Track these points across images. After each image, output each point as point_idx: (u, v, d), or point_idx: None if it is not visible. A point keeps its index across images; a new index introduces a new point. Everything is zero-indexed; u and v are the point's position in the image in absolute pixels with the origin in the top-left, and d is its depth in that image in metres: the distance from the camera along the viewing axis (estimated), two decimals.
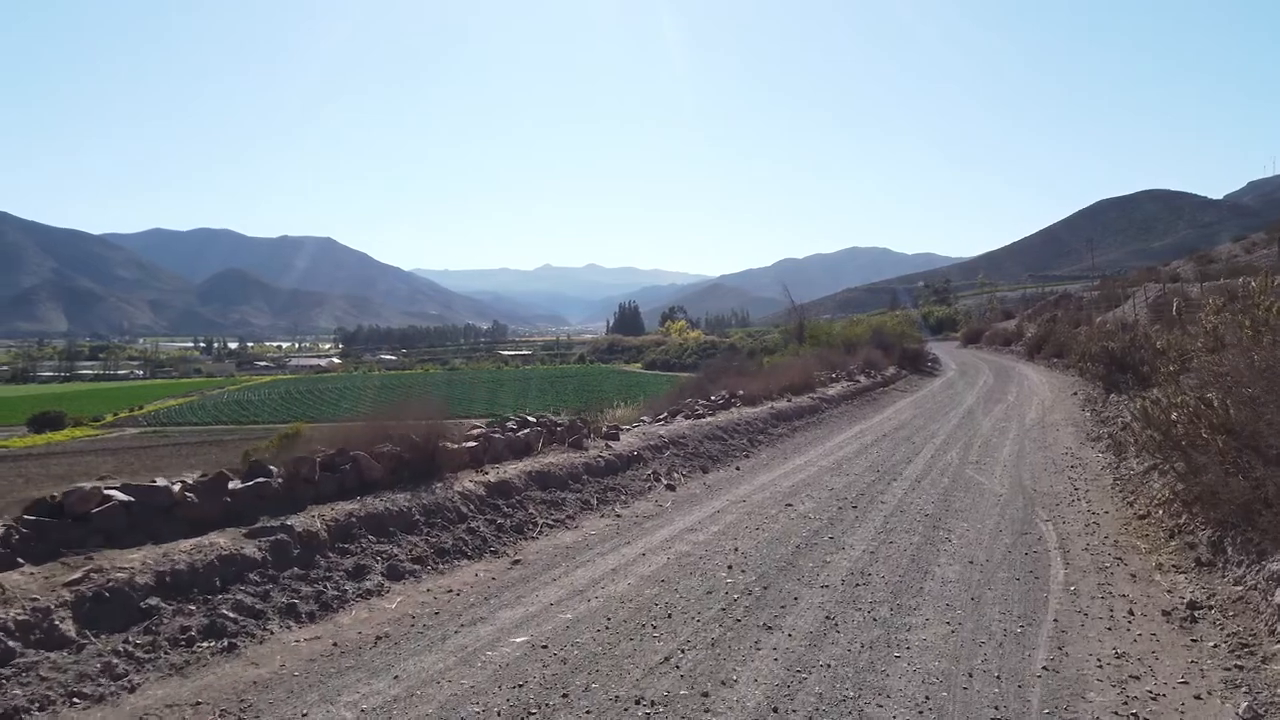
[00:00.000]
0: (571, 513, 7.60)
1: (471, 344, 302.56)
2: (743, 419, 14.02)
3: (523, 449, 8.61)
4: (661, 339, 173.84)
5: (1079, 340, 30.01)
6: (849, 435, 14.78)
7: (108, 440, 78.00)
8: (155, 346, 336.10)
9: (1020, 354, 38.68)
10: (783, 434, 14.32)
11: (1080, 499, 8.93)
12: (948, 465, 11.26)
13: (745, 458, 11.79)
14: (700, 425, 12.54)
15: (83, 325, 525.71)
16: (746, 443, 12.65)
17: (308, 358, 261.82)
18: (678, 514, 8.16)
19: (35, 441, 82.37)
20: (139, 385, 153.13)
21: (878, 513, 8.24)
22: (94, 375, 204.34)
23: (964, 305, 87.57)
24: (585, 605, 5.33)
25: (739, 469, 10.91)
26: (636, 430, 11.21)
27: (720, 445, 11.86)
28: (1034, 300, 62.38)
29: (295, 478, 5.97)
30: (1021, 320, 49.20)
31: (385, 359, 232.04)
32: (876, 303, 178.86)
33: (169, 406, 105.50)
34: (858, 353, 30.19)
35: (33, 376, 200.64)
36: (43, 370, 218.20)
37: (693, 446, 11.17)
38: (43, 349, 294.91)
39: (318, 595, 4.94)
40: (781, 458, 12.02)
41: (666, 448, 10.62)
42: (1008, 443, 13.53)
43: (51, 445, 78.13)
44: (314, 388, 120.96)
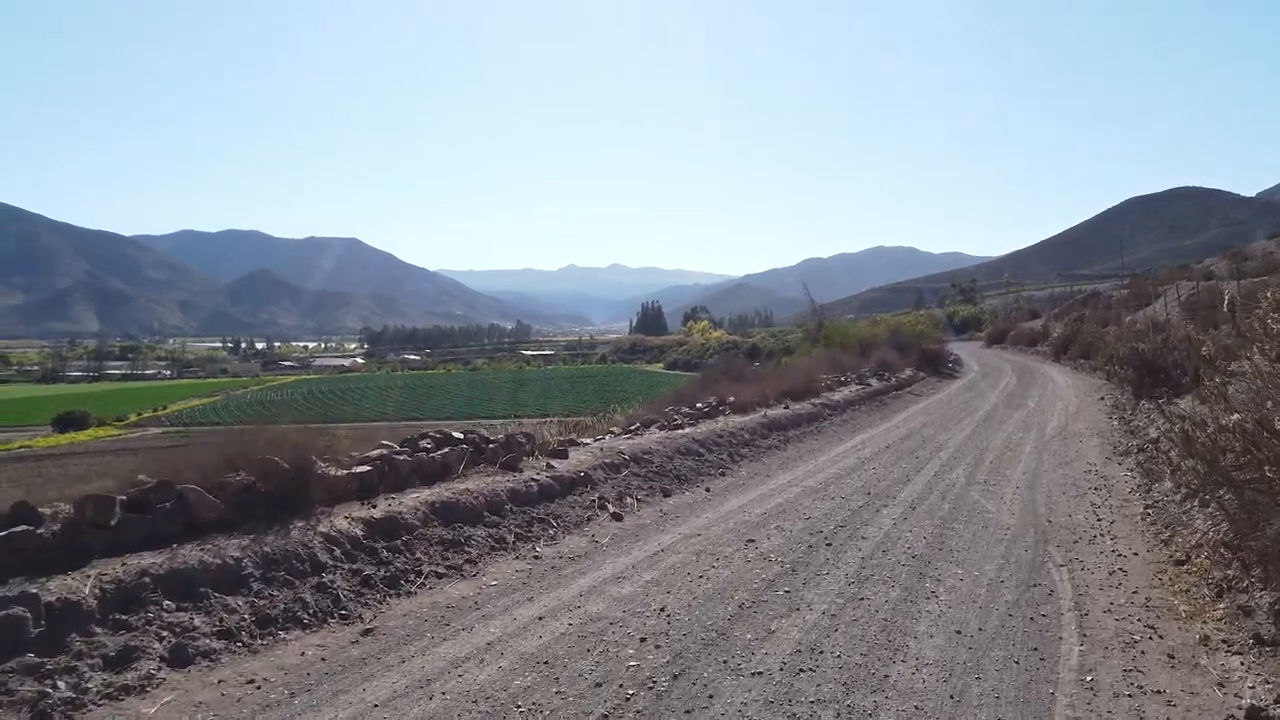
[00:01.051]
0: (475, 555, 6.21)
1: (495, 344, 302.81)
2: (728, 429, 12.60)
3: (436, 473, 7.25)
4: (683, 339, 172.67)
5: (1107, 341, 28.31)
6: (847, 447, 13.30)
7: (129, 440, 77.95)
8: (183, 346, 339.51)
9: (1046, 354, 36.94)
10: (772, 446, 12.86)
11: (1104, 533, 7.43)
12: (951, 486, 9.77)
13: (720, 476, 10.36)
14: (674, 438, 11.14)
15: (114, 325, 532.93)
16: (726, 458, 11.22)
17: (332, 358, 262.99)
18: (612, 554, 6.76)
19: (58, 441, 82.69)
20: (165, 385, 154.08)
21: (855, 553, 6.79)
22: (122, 375, 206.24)
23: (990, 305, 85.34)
24: (419, 709, 3.96)
25: (709, 491, 9.49)
26: (594, 446, 9.83)
27: (693, 462, 10.45)
28: (1061, 300, 60.31)
29: (78, 524, 4.65)
30: (1048, 320, 47.32)
31: (409, 359, 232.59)
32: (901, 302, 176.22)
33: (192, 406, 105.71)
34: (872, 354, 28.66)
35: (62, 376, 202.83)
36: (72, 370, 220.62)
37: (659, 464, 9.77)
38: (74, 349, 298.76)
39: (37, 700, 3.57)
40: (763, 476, 10.57)
41: (625, 466, 9.24)
42: (1024, 457, 12.01)
43: (74, 445, 78.29)
44: (336, 387, 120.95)
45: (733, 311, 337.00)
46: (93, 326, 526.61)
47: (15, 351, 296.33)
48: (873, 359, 27.78)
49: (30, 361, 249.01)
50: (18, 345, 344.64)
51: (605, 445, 9.84)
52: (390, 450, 7.08)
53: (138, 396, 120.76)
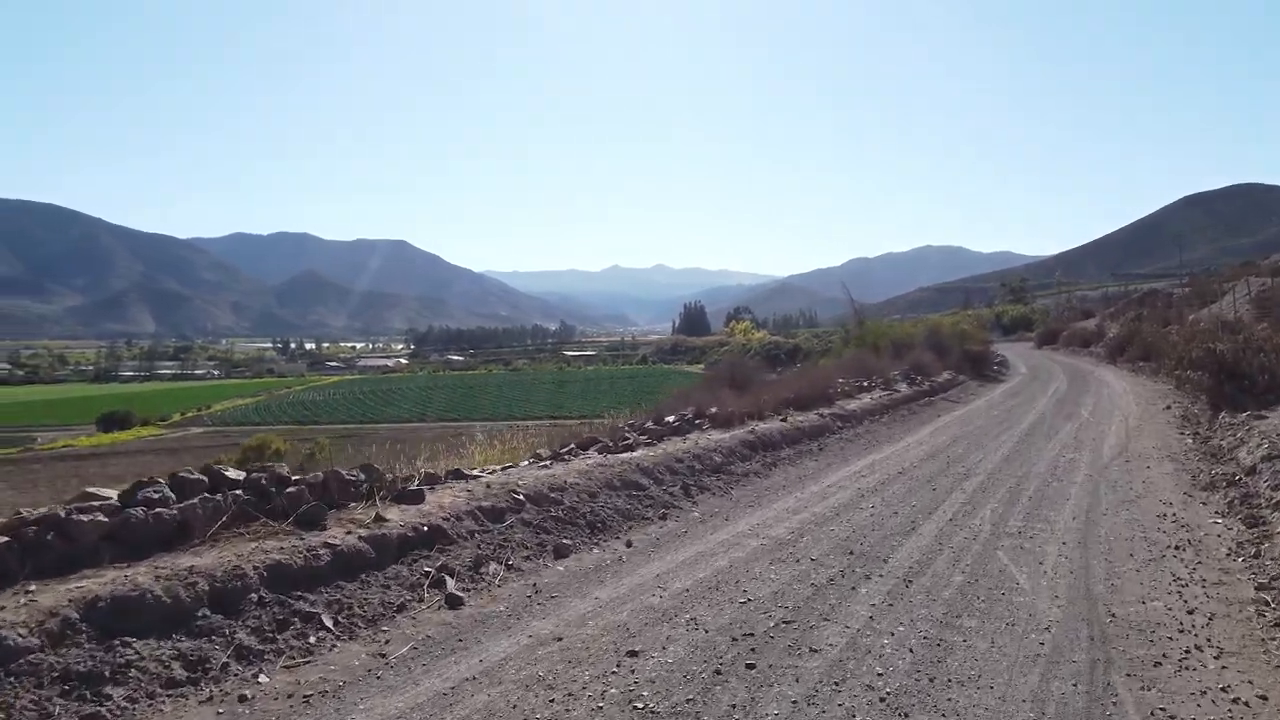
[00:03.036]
0: (134, 695, 3.72)
1: (537, 345, 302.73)
2: (696, 450, 9.97)
3: (156, 540, 4.75)
4: (725, 340, 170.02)
5: (1170, 341, 25.06)
6: (848, 473, 10.55)
7: (170, 440, 77.73)
8: (231, 347, 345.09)
9: (1101, 356, 33.63)
10: (750, 472, 10.19)
11: (1200, 643, 4.67)
12: (971, 539, 7.04)
13: (659, 521, 7.73)
14: (612, 464, 8.54)
15: (169, 326, 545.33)
16: (679, 491, 8.59)
17: (376, 358, 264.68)
18: (394, 683, 4.23)
19: (101, 441, 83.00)
20: (212, 385, 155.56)
21: (786, 687, 4.14)
22: (172, 375, 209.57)
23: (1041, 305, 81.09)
24: None
25: (629, 546, 6.87)
26: (484, 480, 7.26)
27: (627, 500, 7.84)
28: (1115, 299, 56.34)
29: None
30: (1102, 319, 43.71)
31: (452, 359, 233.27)
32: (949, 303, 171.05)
33: (235, 406, 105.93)
34: (905, 356, 25.74)
35: (115, 376, 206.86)
36: (125, 370, 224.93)
37: (570, 505, 7.17)
38: (130, 349, 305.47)
39: None
40: (719, 519, 7.90)
41: (515, 511, 6.67)
42: (1074, 490, 9.19)
43: (116, 445, 78.32)
44: (377, 388, 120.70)
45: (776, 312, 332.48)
46: (149, 327, 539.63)
47: (74, 351, 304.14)
48: (906, 361, 24.91)
49: (86, 361, 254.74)
50: (77, 345, 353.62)
51: (498, 480, 7.27)
52: (78, 504, 4.59)
53: (184, 396, 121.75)
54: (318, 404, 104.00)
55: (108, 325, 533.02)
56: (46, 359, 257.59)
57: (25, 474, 62.36)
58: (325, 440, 24.02)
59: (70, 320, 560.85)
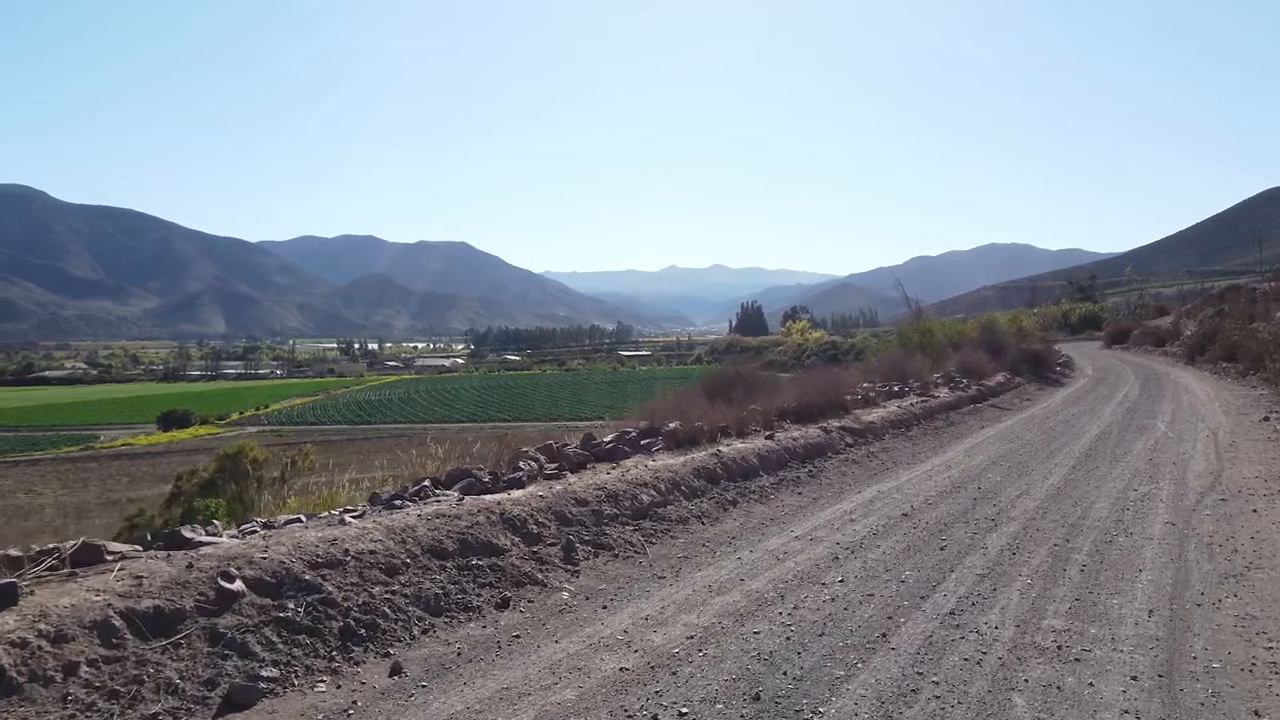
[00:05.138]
0: None
1: (594, 345, 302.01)
2: (619, 486, 7.28)
3: None
4: (781, 340, 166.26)
5: (1259, 339, 21.53)
6: (832, 517, 7.73)
7: (225, 439, 77.70)
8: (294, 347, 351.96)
9: (1177, 356, 29.97)
10: (692, 516, 7.44)
11: None
12: (973, 664, 4.25)
13: (494, 611, 4.91)
14: (459, 515, 5.85)
15: (239, 327, 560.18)
16: (557, 556, 5.83)
17: (434, 358, 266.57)
18: None
19: (159, 439, 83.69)
20: (274, 385, 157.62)
21: None
22: (237, 375, 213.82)
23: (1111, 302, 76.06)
24: None
25: (396, 674, 4.05)
26: (209, 551, 4.66)
27: (455, 575, 5.10)
28: (1191, 296, 51.76)
29: None
30: (1178, 316, 39.59)
31: (509, 359, 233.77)
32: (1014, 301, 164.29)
33: (293, 406, 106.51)
34: (951, 357, 22.63)
35: (182, 375, 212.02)
36: (193, 370, 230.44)
37: (333, 594, 4.44)
38: (200, 349, 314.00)
39: None
40: (589, 608, 5.09)
41: (208, 612, 4.05)
42: (1149, 554, 6.27)
43: (173, 443, 78.79)
44: (431, 389, 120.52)
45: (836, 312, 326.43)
46: (220, 328, 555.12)
47: (148, 351, 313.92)
48: (952, 362, 21.85)
49: (158, 361, 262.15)
50: (152, 346, 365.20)
51: (237, 549, 4.66)
52: None
53: (246, 396, 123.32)
54: (372, 404, 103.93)
55: (182, 326, 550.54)
56: (120, 359, 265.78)
57: (80, 472, 62.76)
58: (311, 448, 21.55)
59: (147, 321, 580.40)
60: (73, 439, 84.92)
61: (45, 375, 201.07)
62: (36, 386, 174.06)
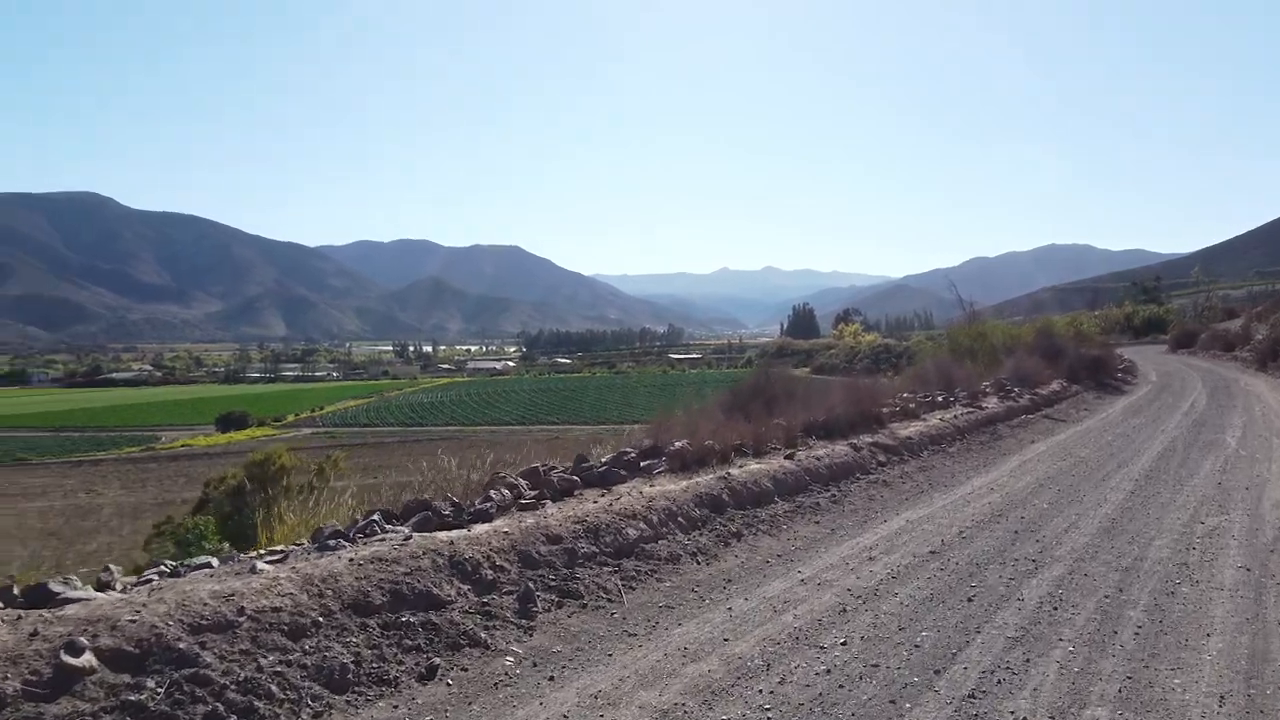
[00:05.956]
0: None
1: (644, 347, 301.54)
2: (602, 518, 6.52)
3: None
4: (833, 342, 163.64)
5: None
6: (849, 554, 6.87)
7: (281, 440, 78.88)
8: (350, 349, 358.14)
9: (1247, 362, 28.20)
10: (686, 553, 6.66)
11: None
12: None
13: (413, 684, 4.04)
14: (400, 558, 5.11)
15: (299, 330, 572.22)
16: (509, 608, 5.04)
17: (485, 361, 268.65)
18: None
19: (217, 440, 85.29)
20: (330, 387, 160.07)
21: None
22: (295, 376, 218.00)
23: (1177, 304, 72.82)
24: None
25: None
26: (71, 612, 3.93)
27: (374, 638, 4.28)
28: (1263, 298, 49.02)
29: None
30: (1248, 319, 37.38)
31: (560, 362, 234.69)
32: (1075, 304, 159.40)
33: (347, 408, 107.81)
34: (1004, 363, 21.38)
35: (242, 377, 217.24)
36: (252, 372, 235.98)
37: (204, 673, 3.77)
38: (260, 352, 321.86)
39: None
40: (533, 680, 4.23)
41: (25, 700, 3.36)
42: (1220, 610, 5.34)
43: (230, 445, 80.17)
44: (482, 391, 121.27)
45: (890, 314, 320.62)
46: (280, 331, 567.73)
47: (211, 354, 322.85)
48: (1004, 369, 20.60)
49: (220, 363, 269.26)
50: (214, 348, 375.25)
51: (103, 610, 3.94)
52: None
53: (303, 397, 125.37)
54: (425, 406, 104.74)
55: (243, 329, 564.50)
56: (184, 361, 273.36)
57: (140, 473, 64.14)
58: (340, 454, 21.17)
59: (210, 324, 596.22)
60: (135, 440, 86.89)
61: (112, 377, 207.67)
62: (104, 388, 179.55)
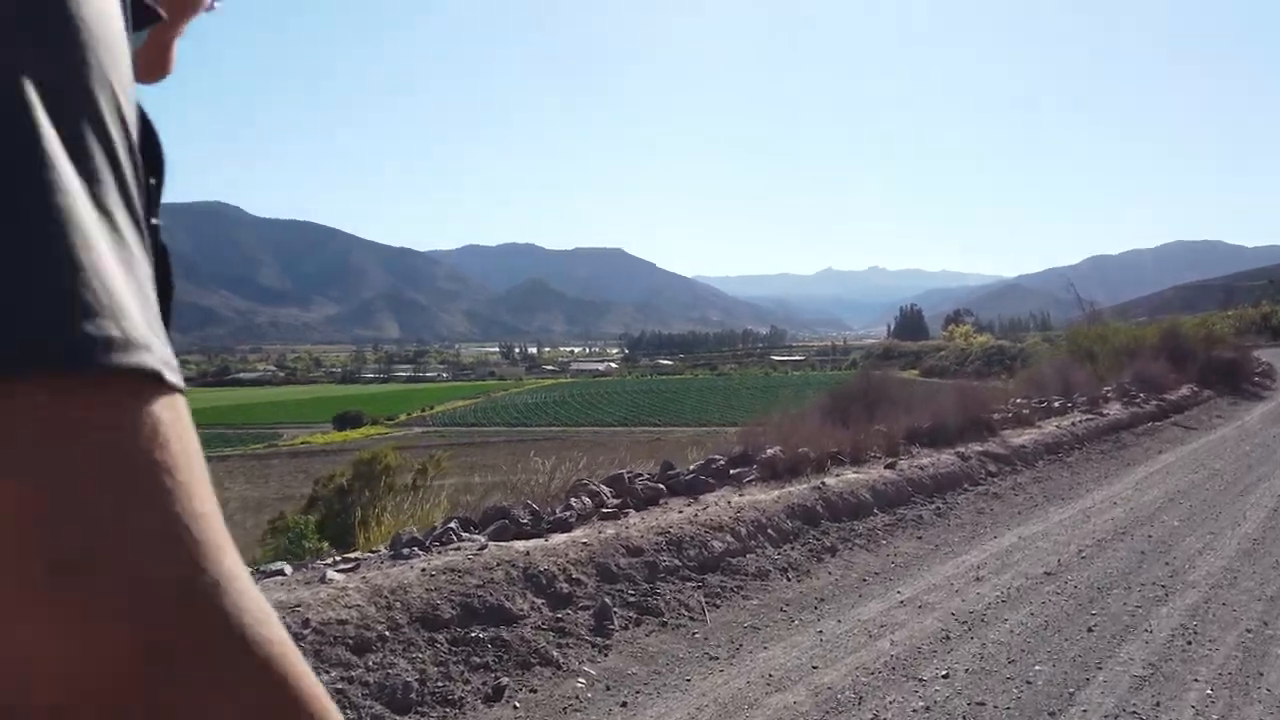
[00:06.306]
0: None
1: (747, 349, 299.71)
2: (686, 529, 6.25)
3: None
4: (942, 344, 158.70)
5: None
6: (952, 574, 6.40)
7: (393, 438, 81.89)
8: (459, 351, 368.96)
9: None
10: (775, 569, 6.33)
11: None
12: None
13: (476, 706, 3.94)
14: (474, 569, 5.00)
15: (410, 332, 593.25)
16: (585, 624, 4.87)
17: (589, 362, 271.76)
18: None
19: (334, 438, 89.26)
20: (439, 387, 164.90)
21: None
22: (407, 377, 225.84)
23: None
24: None
25: None
26: None
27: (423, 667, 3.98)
28: None
29: None
30: None
31: (661, 364, 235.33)
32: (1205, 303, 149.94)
33: (456, 408, 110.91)
34: (1127, 367, 20.06)
35: (357, 378, 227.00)
36: (367, 372, 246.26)
37: None
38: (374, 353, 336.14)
39: None
40: (593, 716, 3.97)
41: None
42: None
43: (346, 442, 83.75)
44: (585, 392, 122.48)
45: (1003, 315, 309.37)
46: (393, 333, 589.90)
47: (329, 355, 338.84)
48: (1127, 373, 19.32)
49: (338, 364, 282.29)
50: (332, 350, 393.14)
51: None
52: None
53: (414, 397, 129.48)
54: (529, 406, 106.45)
55: (359, 331, 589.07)
56: (305, 362, 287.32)
57: (263, 469, 67.48)
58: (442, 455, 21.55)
59: (328, 327, 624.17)
60: (259, 437, 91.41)
61: (239, 377, 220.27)
62: (231, 387, 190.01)
